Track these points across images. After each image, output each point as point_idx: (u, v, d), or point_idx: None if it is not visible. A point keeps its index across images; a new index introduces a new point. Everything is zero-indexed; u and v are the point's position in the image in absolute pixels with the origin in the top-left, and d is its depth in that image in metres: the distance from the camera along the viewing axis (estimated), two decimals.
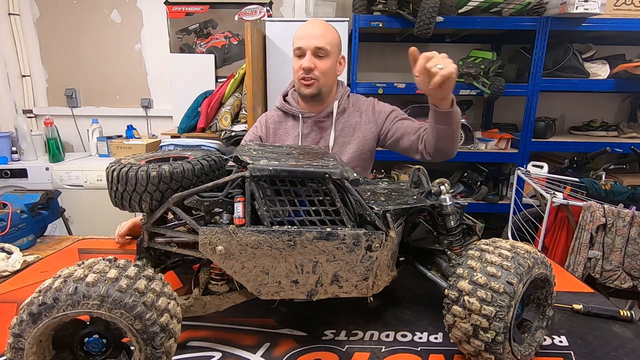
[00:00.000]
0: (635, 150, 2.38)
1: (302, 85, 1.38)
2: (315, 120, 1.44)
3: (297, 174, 0.71)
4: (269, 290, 0.74)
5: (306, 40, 1.35)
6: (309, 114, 1.44)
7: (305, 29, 1.37)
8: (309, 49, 1.34)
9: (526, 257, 0.70)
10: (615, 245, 1.72)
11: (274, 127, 1.49)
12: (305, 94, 1.39)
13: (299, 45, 1.35)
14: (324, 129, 1.45)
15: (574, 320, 0.89)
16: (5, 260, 1.09)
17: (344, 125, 1.45)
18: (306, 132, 1.45)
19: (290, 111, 1.46)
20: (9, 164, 2.68)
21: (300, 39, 1.36)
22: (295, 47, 1.37)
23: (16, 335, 0.55)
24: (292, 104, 1.47)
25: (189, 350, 0.76)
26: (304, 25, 1.39)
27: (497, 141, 2.73)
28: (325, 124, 1.45)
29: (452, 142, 1.27)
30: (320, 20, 1.41)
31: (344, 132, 1.44)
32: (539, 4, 2.37)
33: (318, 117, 1.43)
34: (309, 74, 1.35)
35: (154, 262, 0.86)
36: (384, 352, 0.76)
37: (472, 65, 2.52)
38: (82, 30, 3.02)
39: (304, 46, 1.34)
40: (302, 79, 1.37)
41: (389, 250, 0.81)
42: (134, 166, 0.74)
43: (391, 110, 1.47)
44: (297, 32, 1.38)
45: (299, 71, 1.36)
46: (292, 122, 1.47)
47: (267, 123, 1.50)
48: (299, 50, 1.36)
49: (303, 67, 1.34)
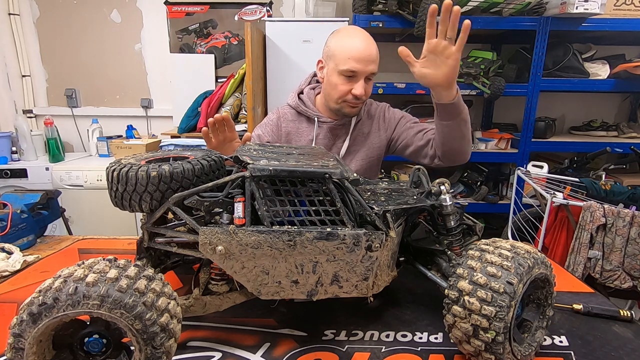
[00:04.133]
0: (635, 150, 2.38)
1: (349, 107, 1.32)
2: (331, 126, 1.39)
3: (297, 174, 0.71)
4: (269, 290, 0.74)
5: (363, 64, 1.23)
6: (326, 119, 1.38)
7: (363, 51, 1.23)
8: (364, 75, 1.25)
9: (526, 257, 0.70)
10: (615, 245, 1.72)
11: (285, 125, 1.42)
12: (349, 115, 1.35)
13: (354, 69, 1.23)
14: (338, 136, 1.41)
15: (574, 320, 0.89)
16: (5, 260, 1.09)
17: (357, 133, 1.41)
18: (320, 136, 1.40)
19: (306, 113, 1.39)
20: (9, 164, 2.68)
21: (356, 62, 1.22)
22: (348, 68, 1.23)
23: (16, 335, 0.55)
24: (308, 105, 1.40)
25: (189, 350, 0.76)
26: (360, 43, 1.24)
27: (497, 141, 2.73)
28: (340, 131, 1.40)
29: (460, 141, 1.20)
30: (371, 39, 1.28)
31: (357, 140, 1.41)
32: (539, 4, 2.37)
33: (334, 124, 1.38)
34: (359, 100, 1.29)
35: (154, 262, 0.86)
36: (384, 352, 0.76)
37: (472, 65, 2.52)
38: (82, 30, 3.02)
39: (360, 71, 1.23)
40: (349, 102, 1.30)
41: (389, 250, 0.81)
42: (134, 166, 0.74)
43: (401, 117, 1.43)
44: (352, 52, 1.23)
45: (348, 95, 1.28)
46: (307, 125, 1.41)
47: (279, 122, 1.44)
48: (351, 72, 1.24)
49: (357, 95, 1.26)
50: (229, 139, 1.21)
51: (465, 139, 1.21)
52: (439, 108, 1.14)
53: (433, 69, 1.04)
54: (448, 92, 1.08)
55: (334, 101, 1.32)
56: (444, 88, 1.07)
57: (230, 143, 1.22)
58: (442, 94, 1.09)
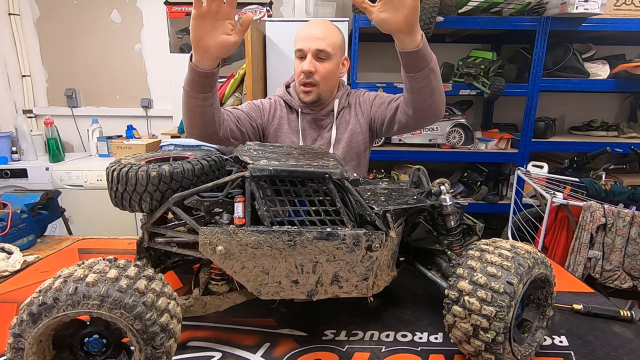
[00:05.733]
0: (635, 150, 2.38)
1: (302, 92, 1.35)
2: (313, 117, 1.42)
3: (297, 174, 0.71)
4: (269, 290, 0.74)
5: (307, 41, 1.29)
6: (308, 111, 1.42)
7: (307, 30, 1.32)
8: (309, 51, 1.29)
9: (526, 257, 0.70)
10: (615, 245, 1.72)
11: (280, 114, 1.43)
12: (305, 102, 1.37)
13: (300, 47, 1.31)
14: (323, 127, 1.43)
15: (574, 320, 0.89)
16: (5, 260, 1.09)
17: (340, 121, 1.43)
18: (305, 127, 1.43)
19: (290, 103, 1.42)
20: (9, 164, 2.68)
21: (301, 40, 1.31)
22: (296, 48, 1.33)
23: (16, 335, 0.55)
24: (293, 96, 1.43)
25: (189, 350, 0.76)
26: (306, 25, 1.34)
27: (497, 141, 2.74)
28: (324, 122, 1.43)
29: (431, 95, 1.10)
30: (323, 21, 1.37)
31: (340, 129, 1.43)
32: (539, 4, 2.37)
33: (317, 115, 1.42)
34: (309, 78, 1.31)
35: (154, 262, 0.86)
36: (384, 352, 0.76)
37: (472, 65, 2.52)
38: (82, 30, 3.02)
39: (305, 48, 1.30)
40: (302, 85, 1.33)
41: (389, 250, 0.81)
42: (134, 166, 0.74)
43: (375, 97, 1.42)
44: (299, 33, 1.34)
45: (300, 75, 1.33)
46: (294, 116, 1.44)
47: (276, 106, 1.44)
48: (299, 52, 1.32)
49: (303, 71, 1.30)
50: (223, 14, 0.96)
51: (437, 92, 1.12)
52: (404, 58, 1.05)
53: (392, 13, 0.95)
54: (411, 38, 0.99)
55: (297, 88, 1.37)
56: (406, 33, 0.98)
57: (222, 22, 0.97)
58: (405, 40, 1.00)
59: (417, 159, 2.64)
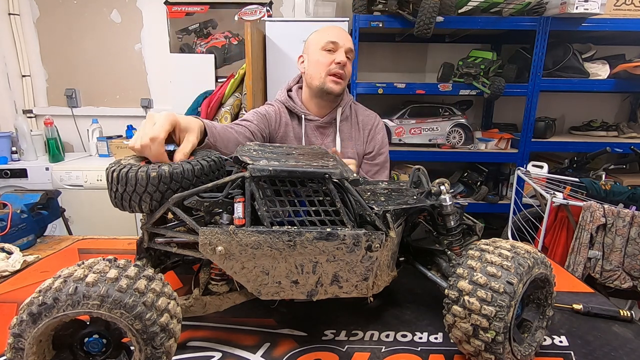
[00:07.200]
0: (635, 150, 2.38)
1: (332, 82, 1.33)
2: (317, 125, 1.42)
3: (297, 174, 0.71)
4: (269, 291, 0.74)
5: (342, 39, 1.33)
6: (312, 117, 1.41)
7: (336, 29, 1.35)
8: (344, 47, 1.32)
9: (526, 257, 0.70)
10: (615, 245, 1.72)
11: (285, 121, 1.43)
12: (334, 91, 1.34)
13: (335, 40, 1.31)
14: (326, 135, 1.44)
15: (574, 320, 0.89)
16: (5, 260, 1.09)
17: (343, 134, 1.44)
18: (308, 133, 1.43)
19: (293, 109, 1.42)
20: (9, 164, 2.68)
21: (334, 36, 1.33)
22: (329, 40, 1.32)
23: (16, 335, 0.55)
24: (296, 102, 1.43)
25: (189, 350, 0.76)
26: (331, 27, 1.37)
27: (497, 141, 2.74)
28: (327, 130, 1.43)
29: None
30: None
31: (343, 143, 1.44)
32: (539, 4, 2.37)
33: (320, 122, 1.41)
34: (342, 69, 1.32)
35: (154, 262, 0.86)
36: (384, 352, 0.76)
37: (472, 65, 2.52)
38: (82, 30, 3.02)
39: (340, 42, 1.32)
40: (333, 74, 1.32)
41: (389, 250, 0.81)
42: (134, 167, 0.74)
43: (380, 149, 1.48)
44: (327, 30, 1.35)
45: (330, 65, 1.31)
46: (297, 122, 1.44)
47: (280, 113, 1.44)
48: (333, 44, 1.32)
49: (340, 61, 1.30)
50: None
51: None
52: None
53: None
54: None
55: (318, 78, 1.34)
56: None
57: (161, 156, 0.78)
58: None
59: (417, 159, 2.64)
